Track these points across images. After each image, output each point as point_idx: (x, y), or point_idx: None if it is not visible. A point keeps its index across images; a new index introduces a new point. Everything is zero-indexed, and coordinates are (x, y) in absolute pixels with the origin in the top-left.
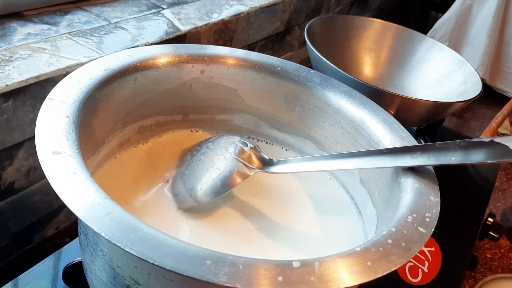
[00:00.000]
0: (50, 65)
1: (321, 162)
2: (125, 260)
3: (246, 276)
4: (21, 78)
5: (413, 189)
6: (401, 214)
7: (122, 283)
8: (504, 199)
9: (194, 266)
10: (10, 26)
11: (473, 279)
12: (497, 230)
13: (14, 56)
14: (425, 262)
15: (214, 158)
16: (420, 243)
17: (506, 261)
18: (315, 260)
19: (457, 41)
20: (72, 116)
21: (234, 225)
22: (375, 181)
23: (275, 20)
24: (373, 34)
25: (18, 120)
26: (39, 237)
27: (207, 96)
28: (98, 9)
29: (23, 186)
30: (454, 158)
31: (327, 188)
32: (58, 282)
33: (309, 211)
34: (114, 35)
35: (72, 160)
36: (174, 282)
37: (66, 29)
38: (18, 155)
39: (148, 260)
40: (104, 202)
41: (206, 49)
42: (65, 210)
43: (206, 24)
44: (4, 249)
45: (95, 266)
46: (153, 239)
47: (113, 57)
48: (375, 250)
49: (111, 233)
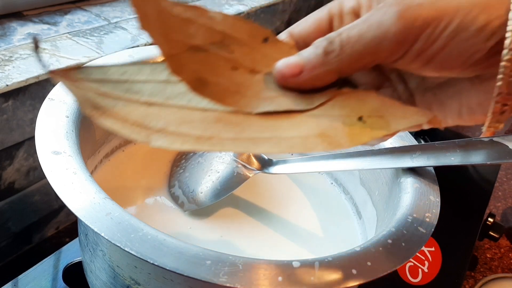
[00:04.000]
0: (50, 65)
1: (321, 163)
2: (125, 260)
3: (246, 276)
4: (21, 78)
5: (413, 189)
6: (401, 214)
7: (122, 283)
8: (504, 199)
9: (194, 266)
10: (10, 26)
11: (473, 279)
12: (497, 230)
13: (14, 56)
14: (425, 262)
15: (213, 160)
16: (420, 243)
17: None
18: (315, 260)
19: None
20: (72, 116)
21: (234, 225)
22: (375, 181)
23: (275, 20)
24: None
25: (18, 120)
26: (39, 237)
27: None
28: (98, 9)
29: (23, 186)
30: (454, 158)
31: (327, 188)
32: (58, 282)
33: (309, 211)
34: (114, 35)
35: (72, 160)
36: (174, 282)
37: (66, 29)
38: (18, 155)
39: (148, 260)
40: (104, 202)
41: None
42: (65, 210)
43: None
44: (4, 249)
45: (95, 266)
46: (153, 239)
47: (113, 57)
48: (375, 250)
49: (111, 233)
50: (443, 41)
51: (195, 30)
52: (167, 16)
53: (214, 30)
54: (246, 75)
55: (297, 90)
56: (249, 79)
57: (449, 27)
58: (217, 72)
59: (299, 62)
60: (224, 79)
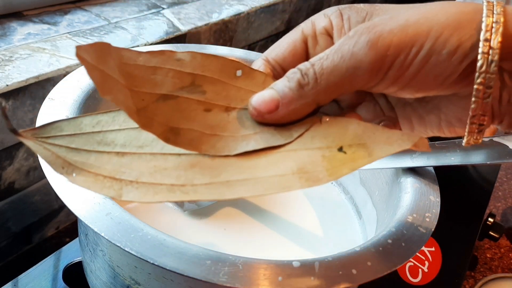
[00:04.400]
0: (50, 65)
1: None
2: (125, 260)
3: (246, 276)
4: (21, 78)
5: (413, 189)
6: (401, 214)
7: (122, 283)
8: (504, 199)
9: (194, 266)
10: (10, 26)
11: (473, 279)
12: (497, 230)
13: (14, 56)
14: (425, 262)
15: None
16: (420, 243)
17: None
18: (315, 260)
19: None
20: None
21: (234, 225)
22: (375, 181)
23: (275, 20)
24: None
25: (18, 120)
26: (39, 237)
27: None
28: (98, 9)
29: (23, 186)
30: (454, 158)
31: (327, 188)
32: (58, 282)
33: (310, 212)
34: (114, 35)
35: None
36: (174, 282)
37: (66, 29)
38: (18, 155)
39: (148, 260)
40: (104, 202)
41: (206, 49)
42: (65, 210)
43: (206, 24)
44: (4, 249)
45: (95, 266)
46: (153, 239)
47: None
48: (375, 250)
49: (111, 233)
50: (417, 66)
51: (162, 77)
52: (131, 69)
53: (183, 73)
54: (221, 115)
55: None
56: (225, 118)
57: (421, 52)
58: (189, 118)
59: (275, 97)
60: (198, 124)
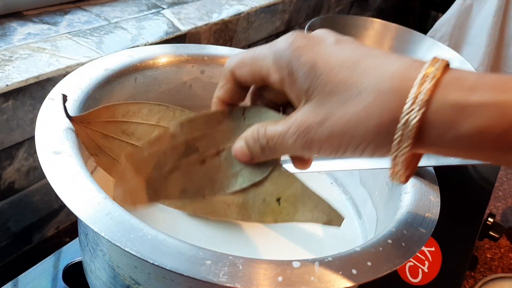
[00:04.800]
0: (50, 65)
1: (320, 163)
2: (125, 260)
3: (246, 276)
4: (21, 78)
5: (413, 189)
6: (401, 214)
7: (122, 283)
8: (504, 199)
9: (194, 266)
10: (10, 26)
11: (473, 279)
12: (497, 230)
13: (14, 56)
14: (425, 262)
15: None
16: (420, 243)
17: (506, 261)
18: (315, 260)
19: (457, 41)
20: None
21: (234, 225)
22: (375, 181)
23: (275, 20)
24: (373, 34)
25: (18, 120)
26: (39, 237)
27: (207, 96)
28: (98, 9)
29: (23, 186)
30: (454, 158)
31: (327, 188)
32: (58, 282)
33: None
34: (114, 35)
35: (72, 160)
36: (174, 282)
37: (66, 29)
38: (18, 155)
39: (148, 260)
40: (104, 202)
41: (206, 49)
42: (65, 210)
43: (206, 24)
44: (4, 249)
45: (95, 266)
46: (153, 239)
47: (113, 57)
48: (375, 250)
49: (111, 233)
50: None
51: (164, 157)
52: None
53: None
54: (215, 159)
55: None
56: (217, 160)
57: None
58: (191, 177)
59: (247, 152)
60: (199, 178)
